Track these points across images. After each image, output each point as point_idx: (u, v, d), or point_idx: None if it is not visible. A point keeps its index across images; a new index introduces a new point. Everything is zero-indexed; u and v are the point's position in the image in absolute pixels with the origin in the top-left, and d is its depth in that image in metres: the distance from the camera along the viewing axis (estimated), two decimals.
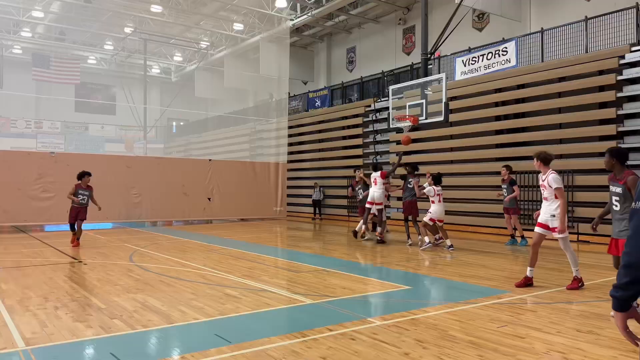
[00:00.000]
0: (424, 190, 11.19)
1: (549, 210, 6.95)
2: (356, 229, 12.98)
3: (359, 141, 20.16)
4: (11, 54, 31.22)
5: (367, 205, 12.59)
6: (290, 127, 23.18)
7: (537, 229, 7.06)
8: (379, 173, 12.49)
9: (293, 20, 23.37)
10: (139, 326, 5.03)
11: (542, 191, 7.15)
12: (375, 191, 12.37)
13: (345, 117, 21.23)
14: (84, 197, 11.53)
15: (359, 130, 20.24)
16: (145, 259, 9.71)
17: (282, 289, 6.87)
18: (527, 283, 7.09)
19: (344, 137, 21.19)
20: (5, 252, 10.59)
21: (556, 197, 6.91)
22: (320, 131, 22.41)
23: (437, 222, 11.24)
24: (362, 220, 12.85)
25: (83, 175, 11.59)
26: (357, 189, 14.28)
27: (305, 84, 27.35)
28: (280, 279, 7.88)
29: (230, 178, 20.11)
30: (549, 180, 6.93)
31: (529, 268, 7.08)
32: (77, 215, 11.48)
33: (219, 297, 6.29)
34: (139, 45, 29.90)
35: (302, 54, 27.02)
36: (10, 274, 7.93)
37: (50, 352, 4.29)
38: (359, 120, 20.22)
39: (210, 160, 20.72)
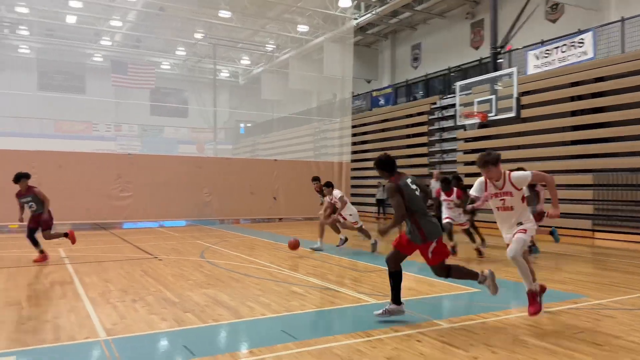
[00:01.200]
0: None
1: (517, 221, 5.24)
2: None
3: (424, 139, 19.79)
4: (92, 61, 33.39)
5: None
6: (353, 127, 23.15)
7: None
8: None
9: (357, 19, 23.33)
10: (209, 320, 5.22)
11: (499, 204, 5.27)
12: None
13: (410, 115, 20.91)
14: (30, 203, 9.00)
15: (424, 129, 19.87)
16: (216, 255, 10.06)
17: (347, 288, 6.88)
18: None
19: (408, 136, 20.88)
20: (88, 248, 11.32)
21: (523, 201, 5.24)
22: (383, 130, 22.23)
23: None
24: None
25: (19, 178, 8.93)
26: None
27: (368, 82, 27.22)
28: (345, 278, 7.90)
29: (295, 177, 20.42)
30: (514, 179, 5.14)
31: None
32: (35, 224, 9.04)
33: (285, 294, 6.41)
34: (209, 50, 31.01)
35: (365, 53, 26.92)
36: (92, 268, 8.49)
37: (129, 342, 4.55)
38: (424, 118, 19.86)
39: (275, 160, 21.14)
